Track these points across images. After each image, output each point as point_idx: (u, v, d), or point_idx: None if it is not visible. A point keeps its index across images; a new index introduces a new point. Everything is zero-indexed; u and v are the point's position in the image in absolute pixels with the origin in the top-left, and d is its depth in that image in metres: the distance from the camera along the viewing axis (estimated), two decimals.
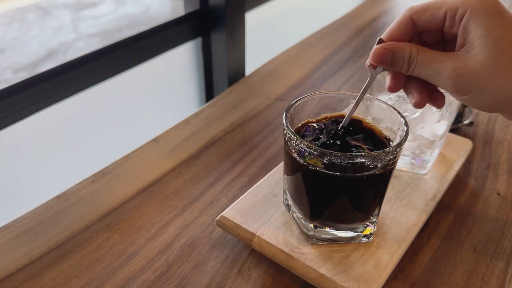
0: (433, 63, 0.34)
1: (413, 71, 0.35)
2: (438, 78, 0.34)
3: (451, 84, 0.34)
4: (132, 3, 1.25)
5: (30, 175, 0.69)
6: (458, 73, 0.33)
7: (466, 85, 0.33)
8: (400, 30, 0.36)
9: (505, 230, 0.50)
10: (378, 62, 0.36)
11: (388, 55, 0.36)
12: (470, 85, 0.33)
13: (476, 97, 0.34)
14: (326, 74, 0.83)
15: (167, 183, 0.56)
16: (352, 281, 0.40)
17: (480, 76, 0.32)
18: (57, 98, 0.65)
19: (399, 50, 0.35)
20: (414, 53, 0.35)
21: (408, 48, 0.35)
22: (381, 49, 0.36)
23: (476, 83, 0.33)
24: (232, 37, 0.82)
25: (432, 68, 0.34)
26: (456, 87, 0.34)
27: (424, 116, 0.50)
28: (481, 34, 0.32)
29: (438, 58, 0.34)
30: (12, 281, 0.44)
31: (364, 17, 1.07)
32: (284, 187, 0.47)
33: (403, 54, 0.35)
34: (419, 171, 0.53)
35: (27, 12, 1.03)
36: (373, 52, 0.36)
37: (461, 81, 0.33)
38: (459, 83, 0.33)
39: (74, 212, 0.52)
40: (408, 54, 0.35)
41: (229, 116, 0.70)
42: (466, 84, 0.33)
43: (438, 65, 0.34)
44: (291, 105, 0.43)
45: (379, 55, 0.36)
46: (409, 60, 0.35)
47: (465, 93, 0.34)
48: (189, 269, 0.45)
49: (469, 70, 0.32)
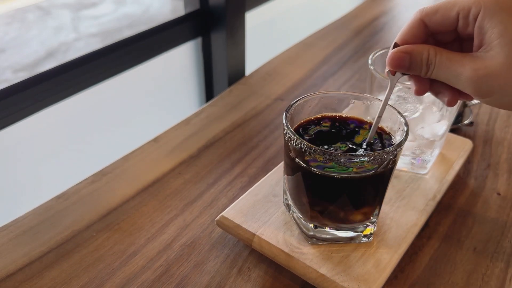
0: (452, 65, 0.33)
1: (431, 74, 0.34)
2: (457, 80, 0.33)
3: (472, 87, 0.33)
4: (132, 3, 1.25)
5: (30, 175, 0.69)
6: (478, 75, 0.32)
7: (488, 87, 0.32)
8: (413, 33, 0.35)
9: (505, 230, 0.50)
10: (396, 67, 0.35)
11: (406, 59, 0.35)
12: (492, 87, 0.32)
13: (499, 98, 0.33)
14: (326, 74, 0.83)
15: (167, 183, 0.56)
16: (352, 281, 0.40)
17: (502, 77, 0.31)
18: (57, 98, 0.65)
19: (417, 53, 0.34)
20: (432, 55, 0.34)
21: (426, 50, 0.34)
22: (398, 52, 0.35)
23: (498, 84, 0.32)
24: (232, 37, 0.82)
25: (451, 70, 0.33)
26: (477, 89, 0.33)
27: (424, 116, 0.50)
28: (498, 33, 0.31)
29: (456, 60, 0.33)
30: (12, 281, 0.44)
31: (364, 17, 1.07)
32: (284, 187, 0.47)
33: (421, 56, 0.34)
34: (419, 171, 0.53)
35: (27, 12, 1.03)
36: (390, 56, 0.35)
37: (482, 83, 0.32)
38: (480, 85, 0.32)
39: (74, 212, 0.52)
40: (426, 56, 0.34)
41: (229, 116, 0.70)
42: (488, 86, 0.32)
43: (457, 67, 0.33)
44: (291, 105, 0.43)
45: (397, 59, 0.35)
46: (428, 62, 0.34)
47: (487, 95, 0.33)
48: (189, 269, 0.45)
49: (489, 71, 0.32)
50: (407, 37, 0.35)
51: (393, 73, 0.36)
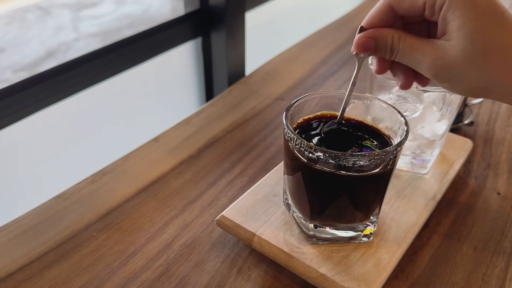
0: (413, 52, 0.35)
1: (395, 58, 0.36)
2: (418, 66, 0.35)
3: (431, 73, 0.35)
4: (132, 3, 1.25)
5: (30, 174, 0.69)
6: (436, 64, 0.34)
7: (445, 74, 0.34)
8: (380, 17, 0.36)
9: (505, 230, 0.50)
10: (362, 50, 0.37)
11: (371, 43, 0.36)
12: (449, 74, 0.34)
13: (455, 85, 0.35)
14: (326, 74, 0.83)
15: (167, 183, 0.56)
16: (352, 280, 0.40)
17: (457, 67, 0.33)
18: (57, 97, 0.65)
19: (381, 38, 0.36)
20: (396, 40, 0.35)
21: (390, 35, 0.36)
22: (363, 38, 0.36)
23: (453, 73, 0.34)
24: (232, 37, 0.82)
25: (413, 57, 0.35)
26: (435, 75, 0.35)
27: (424, 116, 0.50)
28: (458, 26, 0.33)
29: (418, 47, 0.35)
30: (12, 280, 0.44)
31: (364, 17, 1.07)
32: (284, 187, 0.47)
33: (385, 41, 0.36)
34: (419, 170, 0.53)
35: (27, 12, 1.03)
36: (356, 41, 0.37)
37: (440, 71, 0.34)
38: (438, 73, 0.34)
39: (74, 212, 0.52)
40: (390, 41, 0.36)
41: (229, 116, 0.70)
42: (445, 73, 0.34)
43: (418, 55, 0.35)
44: (291, 105, 0.42)
45: (363, 44, 0.37)
46: (392, 48, 0.36)
47: (445, 81, 0.35)
48: (189, 268, 0.45)
49: (447, 61, 0.33)
50: (375, 20, 0.37)
51: (360, 55, 0.38)
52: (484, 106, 0.72)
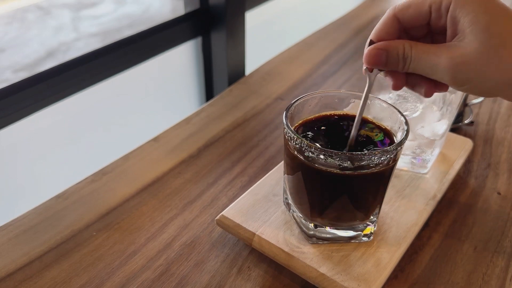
0: (428, 57, 0.34)
1: (409, 68, 0.35)
2: (434, 71, 0.34)
3: (449, 75, 0.33)
4: (132, 3, 1.25)
5: (30, 174, 0.69)
6: (454, 63, 0.33)
7: (464, 74, 0.33)
8: (386, 30, 0.36)
9: (505, 230, 0.50)
10: (373, 64, 0.36)
11: (382, 55, 0.35)
12: (468, 74, 0.33)
13: (476, 85, 0.33)
14: (326, 74, 0.83)
15: (167, 183, 0.56)
16: (352, 280, 0.40)
17: (477, 63, 0.32)
18: (57, 97, 0.65)
19: (393, 48, 0.35)
20: (407, 48, 0.35)
21: (401, 45, 0.35)
22: (374, 49, 0.35)
23: (473, 71, 0.32)
24: (232, 37, 0.82)
25: (428, 61, 0.34)
26: (454, 77, 0.33)
27: (424, 115, 0.50)
28: (470, 22, 0.32)
29: (432, 51, 0.34)
30: (12, 280, 0.44)
31: (364, 17, 1.07)
32: (284, 186, 0.47)
33: (397, 51, 0.35)
34: (420, 170, 0.53)
35: (27, 12, 1.03)
36: (367, 54, 0.36)
37: (459, 71, 0.33)
38: (457, 74, 0.33)
39: (74, 212, 0.52)
40: (402, 50, 0.35)
41: (229, 116, 0.70)
42: (464, 73, 0.33)
43: (433, 58, 0.33)
44: (291, 104, 0.42)
45: (373, 56, 0.36)
46: (404, 57, 0.35)
47: (464, 82, 0.33)
48: (189, 268, 0.45)
49: (465, 58, 0.32)
50: (382, 33, 0.36)
51: (371, 70, 0.37)
52: (484, 106, 0.72)
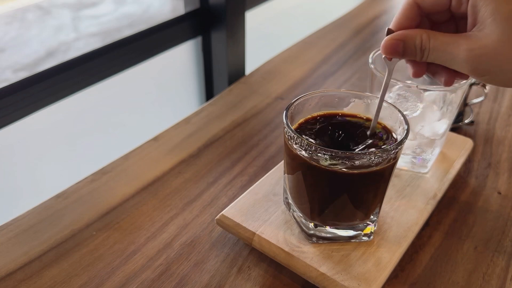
0: (446, 47, 0.33)
1: (427, 58, 0.34)
2: (454, 62, 0.33)
3: (469, 66, 0.33)
4: (132, 3, 1.25)
5: (30, 173, 0.69)
6: (474, 54, 0.32)
7: (484, 65, 0.32)
8: (407, 16, 0.35)
9: (506, 229, 0.50)
10: (390, 54, 0.35)
11: (399, 46, 0.35)
12: (488, 65, 0.32)
13: (496, 76, 0.33)
14: (327, 73, 0.83)
15: (167, 182, 0.56)
16: (353, 280, 0.40)
17: (497, 54, 0.31)
18: (57, 97, 0.65)
19: (410, 39, 0.34)
20: (425, 39, 0.34)
21: (419, 35, 0.34)
22: (391, 40, 0.35)
23: (494, 62, 0.32)
24: (232, 36, 0.82)
25: (446, 52, 0.33)
26: (474, 68, 0.33)
27: (424, 115, 0.50)
28: (491, 11, 0.31)
29: (450, 41, 0.33)
30: (12, 280, 0.44)
31: (365, 16, 1.07)
32: (285, 186, 0.47)
33: (414, 42, 0.34)
34: (420, 170, 0.53)
35: (27, 11, 1.03)
36: (384, 44, 0.35)
37: (479, 62, 0.32)
38: (477, 64, 0.32)
39: (74, 211, 0.52)
40: (420, 41, 0.34)
41: (229, 115, 0.70)
42: (484, 64, 0.32)
43: (452, 49, 0.33)
44: (291, 104, 0.42)
45: (390, 46, 0.35)
46: (422, 48, 0.34)
47: (484, 73, 0.33)
48: (189, 268, 0.45)
49: (485, 50, 0.31)
50: (402, 20, 0.35)
51: (390, 59, 0.36)
52: (484, 106, 0.72)
